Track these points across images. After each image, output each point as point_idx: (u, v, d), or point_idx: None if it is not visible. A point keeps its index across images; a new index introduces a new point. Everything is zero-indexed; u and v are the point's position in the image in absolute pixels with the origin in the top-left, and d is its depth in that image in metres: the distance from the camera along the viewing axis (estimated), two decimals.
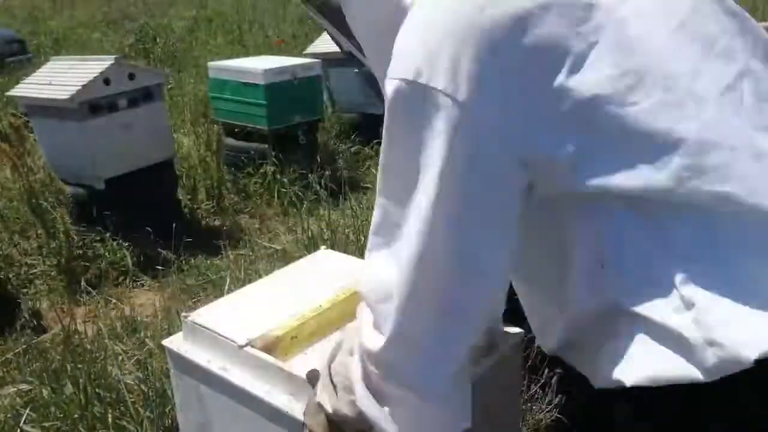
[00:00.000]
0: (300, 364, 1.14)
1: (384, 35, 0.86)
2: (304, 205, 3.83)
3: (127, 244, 3.50)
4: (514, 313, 1.68)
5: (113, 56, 3.75)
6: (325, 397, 0.97)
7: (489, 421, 1.33)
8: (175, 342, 1.40)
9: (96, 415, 2.01)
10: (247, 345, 1.18)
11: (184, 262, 3.46)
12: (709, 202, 0.76)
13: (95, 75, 3.48)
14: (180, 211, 4.07)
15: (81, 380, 2.06)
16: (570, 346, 0.95)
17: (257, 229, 4.03)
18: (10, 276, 3.35)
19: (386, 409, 0.89)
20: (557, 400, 2.01)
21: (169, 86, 5.89)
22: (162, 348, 1.83)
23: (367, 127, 5.05)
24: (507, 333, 1.40)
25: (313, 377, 1.02)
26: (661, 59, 0.78)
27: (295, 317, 1.26)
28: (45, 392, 2.12)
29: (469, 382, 0.92)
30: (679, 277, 0.77)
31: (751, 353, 0.73)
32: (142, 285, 3.35)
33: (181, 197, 4.19)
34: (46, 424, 2.04)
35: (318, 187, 3.98)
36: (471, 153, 0.77)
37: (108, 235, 3.53)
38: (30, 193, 3.59)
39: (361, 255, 2.76)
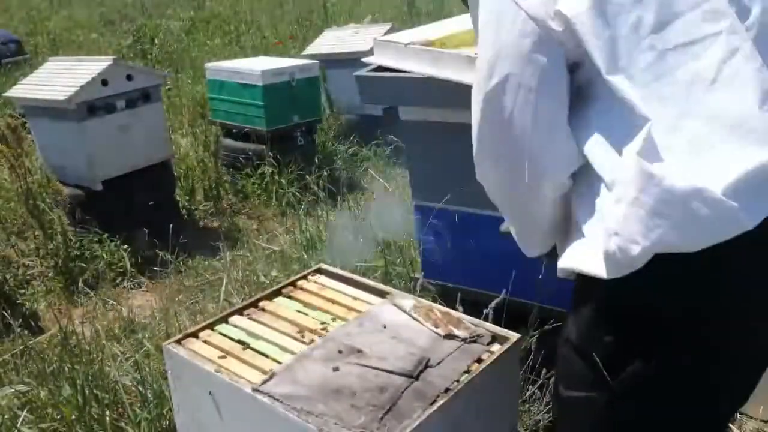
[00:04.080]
0: None
1: None
2: (302, 206, 3.83)
3: (124, 245, 3.50)
4: (513, 314, 1.68)
5: (111, 57, 3.75)
6: None
7: (487, 422, 1.33)
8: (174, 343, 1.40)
9: (93, 417, 2.01)
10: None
11: (181, 263, 3.46)
12: None
13: (93, 76, 3.48)
14: (178, 212, 4.07)
15: (78, 381, 2.05)
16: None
17: (255, 230, 4.03)
18: (8, 277, 3.34)
19: None
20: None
21: (167, 87, 5.89)
22: (160, 349, 1.83)
23: (366, 128, 5.05)
24: (506, 335, 1.40)
25: None
26: None
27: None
28: (42, 393, 2.12)
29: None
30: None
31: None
32: (140, 286, 3.34)
33: (178, 198, 4.18)
34: (44, 426, 2.03)
35: (316, 188, 3.98)
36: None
37: (105, 236, 3.53)
38: (27, 194, 3.58)
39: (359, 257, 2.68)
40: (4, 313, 2.75)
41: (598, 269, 0.91)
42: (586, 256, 0.94)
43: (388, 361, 1.32)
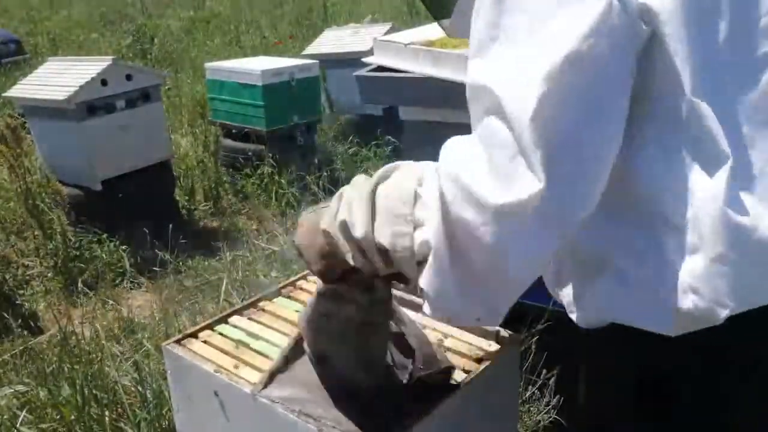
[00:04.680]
0: None
1: None
2: (302, 207, 3.82)
3: (124, 245, 3.49)
4: (513, 314, 1.67)
5: (110, 57, 3.74)
6: (357, 217, 0.86)
7: (487, 422, 1.33)
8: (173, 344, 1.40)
9: (93, 417, 2.00)
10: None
11: (181, 263, 3.46)
12: None
13: (93, 76, 3.47)
14: (177, 212, 4.06)
15: (78, 382, 2.05)
16: (559, 283, 0.95)
17: (255, 231, 4.03)
18: (7, 277, 3.34)
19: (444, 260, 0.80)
20: (555, 401, 2.02)
21: (167, 87, 5.88)
22: (159, 349, 1.83)
23: (365, 129, 5.04)
24: (506, 335, 1.40)
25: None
26: None
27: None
28: (42, 394, 2.11)
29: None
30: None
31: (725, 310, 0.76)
32: (139, 286, 3.34)
33: (178, 198, 4.18)
34: (43, 426, 2.03)
35: (316, 189, 3.98)
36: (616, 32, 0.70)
37: (105, 236, 3.52)
38: (27, 194, 3.58)
39: None
40: (4, 313, 2.75)
41: (661, 326, 0.80)
42: (639, 308, 0.81)
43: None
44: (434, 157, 0.87)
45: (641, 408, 0.92)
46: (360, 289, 1.00)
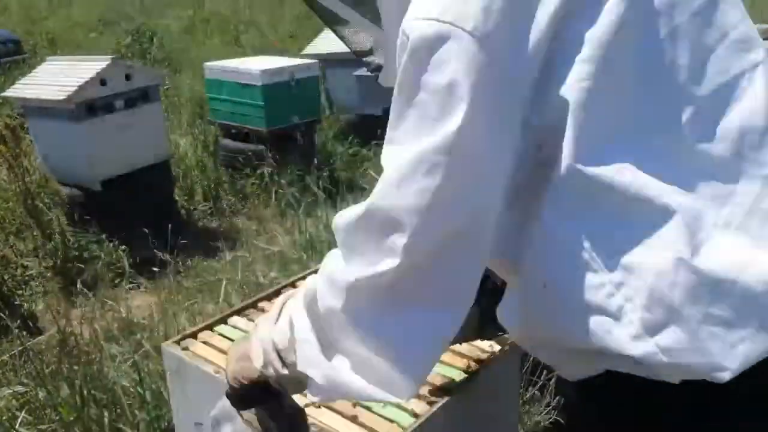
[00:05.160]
0: None
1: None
2: (302, 207, 3.82)
3: (123, 245, 3.49)
4: None
5: (110, 57, 3.74)
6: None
7: (488, 424, 1.33)
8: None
9: (92, 418, 2.00)
10: None
11: (180, 263, 3.45)
12: None
13: (92, 75, 3.47)
14: (177, 212, 4.06)
15: (77, 382, 2.05)
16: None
17: (255, 231, 4.02)
18: (6, 277, 3.33)
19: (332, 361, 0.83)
20: (555, 402, 2.01)
21: (166, 87, 5.88)
22: (158, 350, 1.82)
23: (365, 128, 5.04)
24: (506, 335, 1.39)
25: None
26: None
27: None
28: (41, 394, 2.11)
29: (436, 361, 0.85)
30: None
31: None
32: (139, 287, 3.33)
33: (177, 198, 4.17)
34: (42, 427, 2.03)
35: (315, 189, 3.98)
36: (493, 101, 0.73)
37: (104, 236, 3.52)
38: (26, 194, 3.57)
39: None
40: (2, 314, 2.74)
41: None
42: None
43: None
44: None
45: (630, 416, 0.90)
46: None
